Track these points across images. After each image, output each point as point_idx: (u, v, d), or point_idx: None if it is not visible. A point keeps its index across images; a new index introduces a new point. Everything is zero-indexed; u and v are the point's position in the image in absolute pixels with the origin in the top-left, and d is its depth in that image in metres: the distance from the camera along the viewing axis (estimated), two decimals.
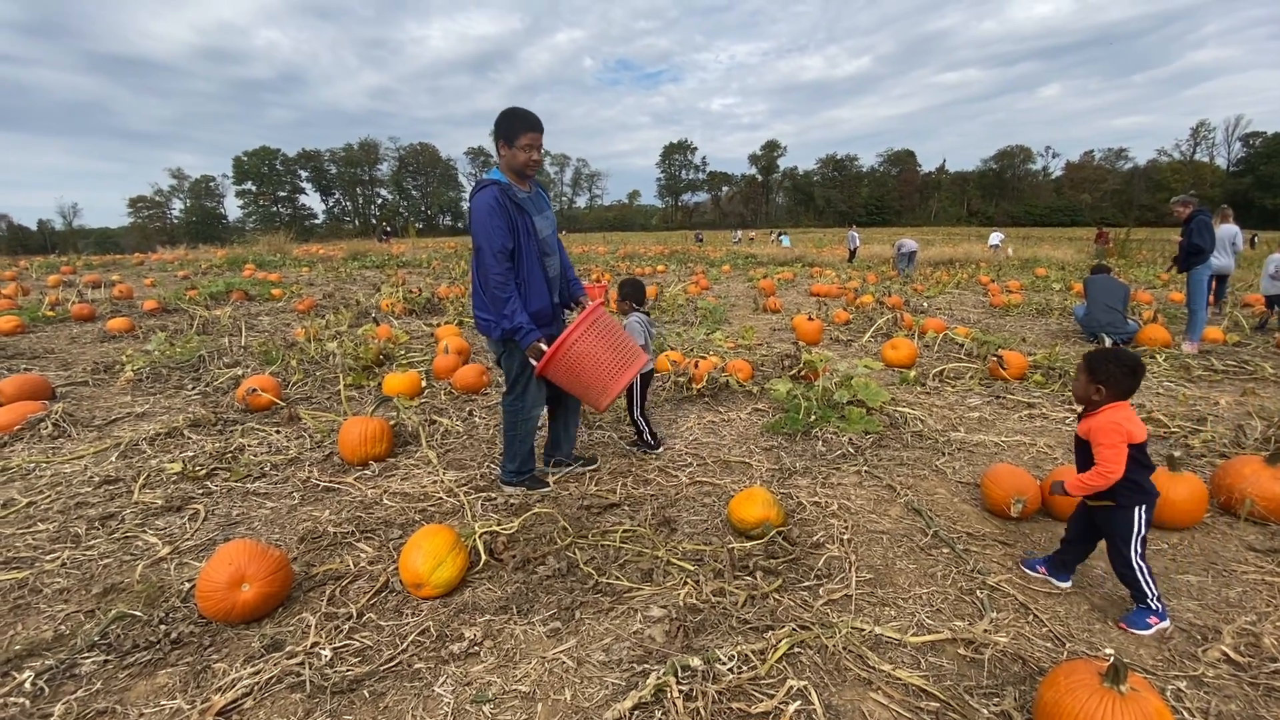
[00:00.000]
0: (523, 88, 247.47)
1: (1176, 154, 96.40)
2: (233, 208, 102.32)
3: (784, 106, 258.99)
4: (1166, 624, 2.17)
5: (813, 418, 4.14)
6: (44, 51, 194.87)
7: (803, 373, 5.18)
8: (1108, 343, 6.75)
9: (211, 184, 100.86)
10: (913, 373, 5.50)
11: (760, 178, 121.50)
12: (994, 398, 4.95)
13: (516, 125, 2.74)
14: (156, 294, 11.65)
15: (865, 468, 3.55)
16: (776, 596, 2.31)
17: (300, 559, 2.67)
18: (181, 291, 11.57)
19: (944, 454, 3.78)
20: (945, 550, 2.69)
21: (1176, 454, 3.11)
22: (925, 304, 10.66)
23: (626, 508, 3.10)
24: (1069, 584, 2.44)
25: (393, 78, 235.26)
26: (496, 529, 2.71)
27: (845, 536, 2.77)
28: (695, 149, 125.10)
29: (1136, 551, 2.15)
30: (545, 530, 2.81)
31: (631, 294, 3.78)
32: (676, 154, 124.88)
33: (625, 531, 2.81)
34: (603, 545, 2.70)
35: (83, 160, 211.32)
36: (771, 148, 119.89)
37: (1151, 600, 2.17)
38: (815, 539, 2.75)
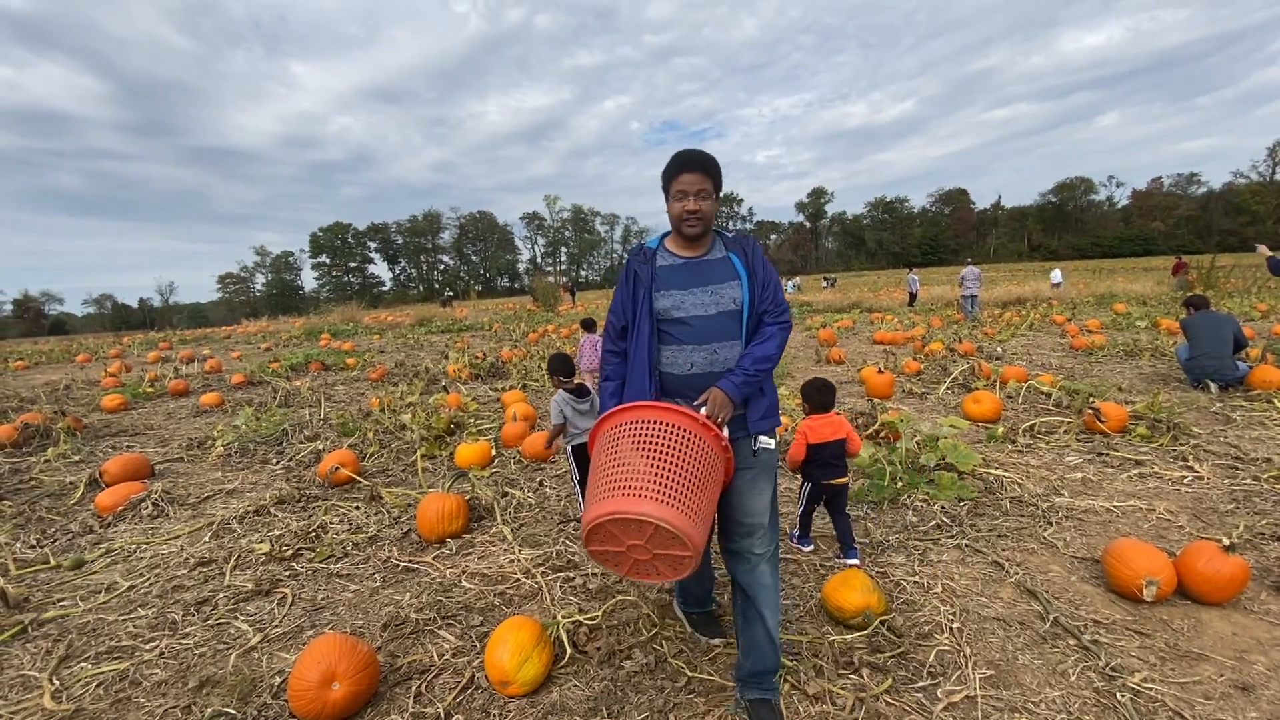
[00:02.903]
0: (573, 154, 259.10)
1: (1254, 175, 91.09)
2: (309, 279, 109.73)
3: (829, 153, 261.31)
4: (806, 548, 3.30)
5: (899, 484, 3.92)
6: (149, 148, 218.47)
7: (882, 433, 4.95)
8: (1214, 389, 6.22)
9: (290, 259, 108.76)
10: (1000, 428, 5.17)
11: (808, 224, 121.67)
12: (1095, 455, 4.57)
13: (668, 170, 2.09)
14: (243, 367, 12.39)
15: (965, 541, 3.29)
16: (889, 700, 2.11)
17: (384, 648, 2.64)
18: (265, 364, 12.28)
19: (1050, 523, 3.48)
20: (1071, 641, 2.42)
21: None
22: (999, 349, 10.17)
23: None
24: (857, 559, 3.13)
25: (453, 151, 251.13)
26: (580, 618, 2.61)
27: (955, 625, 2.54)
28: (741, 200, 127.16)
29: (801, 509, 3.28)
30: (629, 617, 2.69)
31: (557, 369, 3.73)
32: (723, 206, 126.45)
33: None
34: (693, 634, 2.56)
35: (179, 243, 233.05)
36: (818, 194, 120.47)
37: (797, 539, 3.35)
38: (922, 628, 2.53)
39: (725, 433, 1.90)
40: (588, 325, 7.49)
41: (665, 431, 1.79)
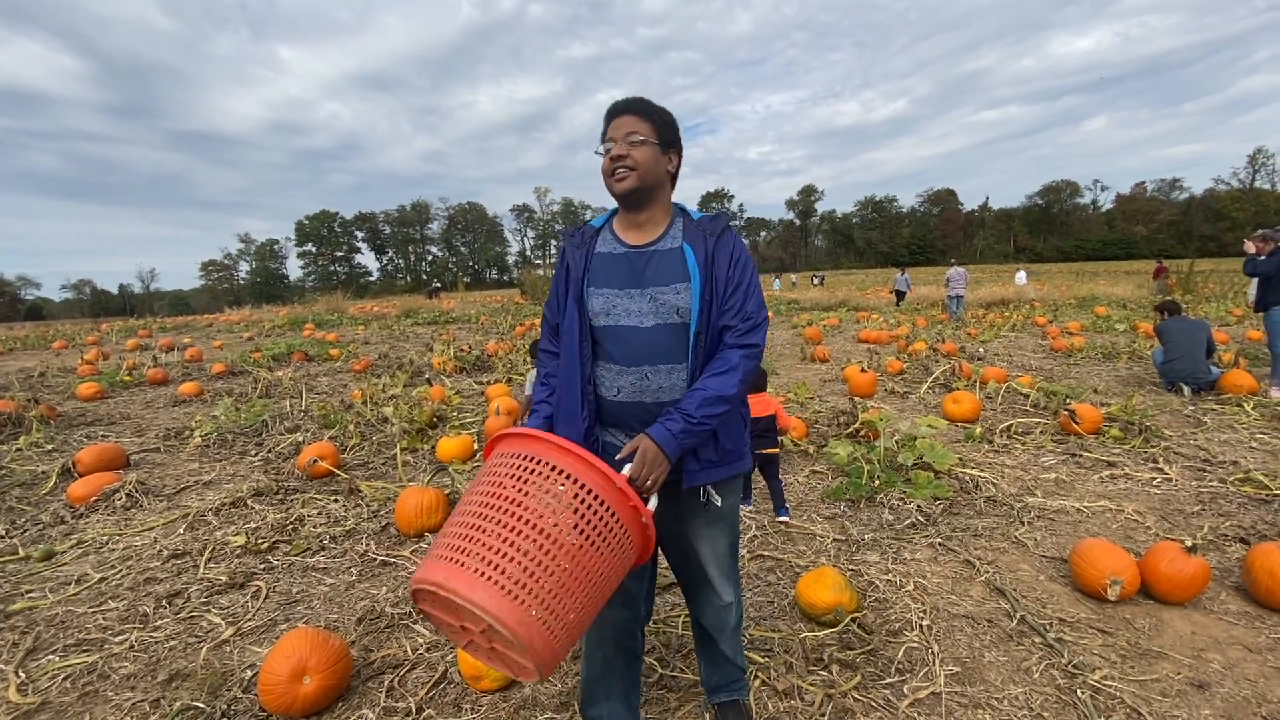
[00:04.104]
0: (565, 146, 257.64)
1: (1235, 182, 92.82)
2: (294, 268, 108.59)
3: (821, 151, 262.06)
4: (746, 506, 3.86)
5: (876, 482, 3.96)
6: (131, 131, 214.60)
7: (861, 432, 5.00)
8: (1186, 392, 6.34)
9: (276, 247, 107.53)
10: (978, 428, 5.24)
11: (798, 222, 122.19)
12: (1069, 456, 4.65)
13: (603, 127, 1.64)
14: (224, 356, 12.24)
15: (938, 539, 3.34)
16: (856, 696, 2.15)
17: (358, 642, 2.63)
18: (246, 354, 12.13)
19: (1022, 522, 3.54)
20: (1036, 639, 2.47)
21: None
22: (981, 349, 10.30)
23: None
24: (787, 516, 3.73)
25: (443, 141, 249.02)
26: None
27: (924, 622, 2.58)
28: (732, 197, 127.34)
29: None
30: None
31: (535, 352, 4.40)
32: (713, 203, 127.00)
33: (687, 616, 2.68)
34: (664, 632, 2.58)
35: (161, 228, 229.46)
36: (809, 192, 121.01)
37: (778, 510, 3.75)
38: (892, 625, 2.57)
39: (651, 505, 1.43)
40: None
41: (557, 485, 1.29)
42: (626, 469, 1.41)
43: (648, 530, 1.39)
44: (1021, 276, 26.53)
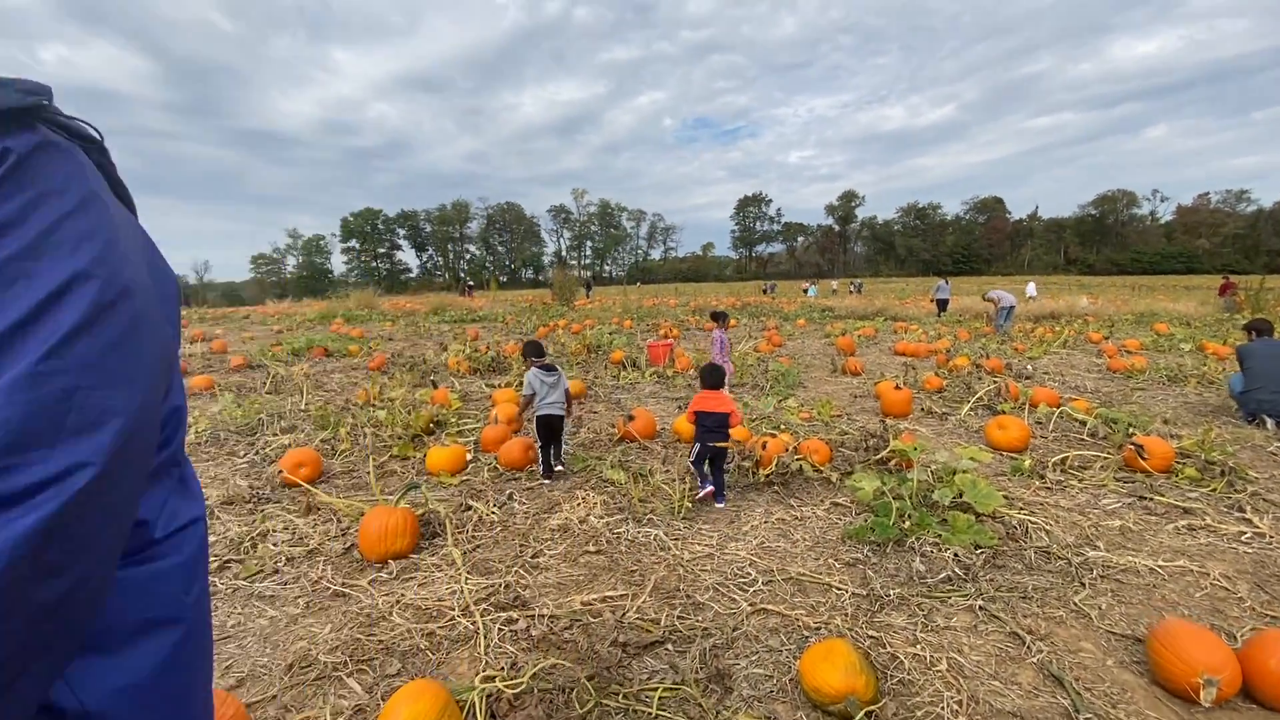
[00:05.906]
0: (605, 148, 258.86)
1: None
2: (338, 263, 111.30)
3: (863, 157, 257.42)
4: (708, 488, 3.91)
5: (907, 523, 3.42)
6: (194, 128, 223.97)
7: (892, 460, 4.45)
8: (1271, 426, 5.57)
9: (321, 242, 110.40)
10: (1026, 460, 4.63)
11: (837, 228, 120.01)
12: (1136, 499, 4.02)
13: None
14: (244, 350, 12.22)
15: (980, 600, 2.80)
16: None
17: (279, 696, 2.25)
18: (268, 347, 12.09)
19: (1082, 584, 2.96)
20: None
21: None
22: (1029, 367, 9.52)
23: (670, 647, 2.51)
24: (724, 504, 3.97)
25: (486, 142, 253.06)
26: (500, 685, 2.18)
27: (959, 719, 2.06)
28: (770, 201, 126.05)
29: (692, 461, 4.02)
30: (563, 682, 2.26)
31: (530, 352, 4.68)
32: (750, 206, 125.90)
33: (666, 690, 2.22)
34: (635, 710, 2.12)
35: (217, 222, 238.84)
36: (849, 198, 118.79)
37: (701, 484, 3.97)
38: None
39: None
40: (717, 318, 7.87)
41: None
42: None
43: None
44: (1031, 289, 26.65)
